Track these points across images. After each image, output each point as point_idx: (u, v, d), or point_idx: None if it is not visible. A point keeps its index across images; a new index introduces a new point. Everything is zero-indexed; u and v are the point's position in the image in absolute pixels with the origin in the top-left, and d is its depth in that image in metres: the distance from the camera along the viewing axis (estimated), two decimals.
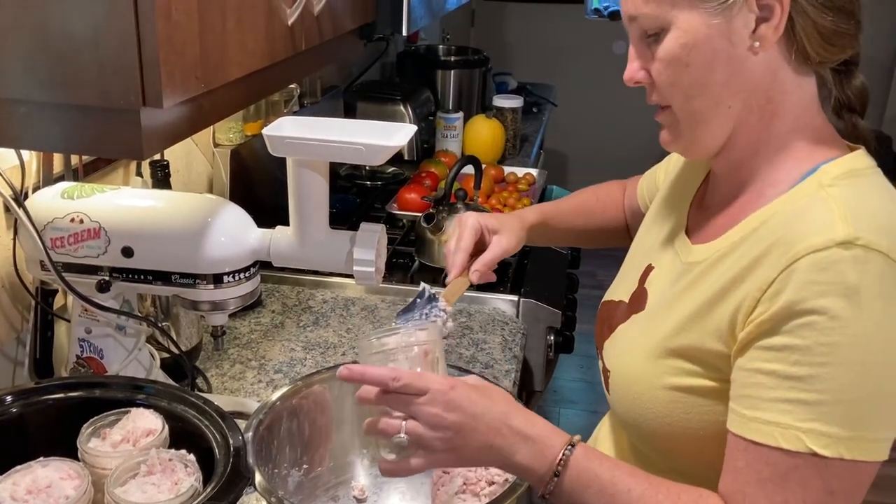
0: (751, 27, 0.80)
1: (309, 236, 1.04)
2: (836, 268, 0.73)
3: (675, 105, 0.87)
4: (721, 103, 0.84)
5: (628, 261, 1.10)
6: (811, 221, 0.77)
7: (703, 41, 0.81)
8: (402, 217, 1.98)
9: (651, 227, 1.08)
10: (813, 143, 0.85)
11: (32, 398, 0.97)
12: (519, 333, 1.55)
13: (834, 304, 0.73)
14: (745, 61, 0.82)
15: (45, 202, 1.07)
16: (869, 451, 0.74)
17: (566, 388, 3.36)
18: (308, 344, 1.49)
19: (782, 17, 0.79)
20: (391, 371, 0.82)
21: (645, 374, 0.90)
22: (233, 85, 0.89)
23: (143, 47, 0.71)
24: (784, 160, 0.85)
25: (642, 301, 0.98)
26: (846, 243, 0.74)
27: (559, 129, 4.24)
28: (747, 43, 0.81)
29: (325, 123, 1.01)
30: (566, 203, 1.32)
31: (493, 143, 2.48)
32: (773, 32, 0.80)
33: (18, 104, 0.75)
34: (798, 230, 0.77)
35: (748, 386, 0.78)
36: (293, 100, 1.99)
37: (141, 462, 0.88)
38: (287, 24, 0.99)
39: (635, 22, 0.87)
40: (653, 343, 0.90)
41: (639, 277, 1.02)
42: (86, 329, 1.12)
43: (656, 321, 0.92)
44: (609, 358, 1.00)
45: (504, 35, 4.98)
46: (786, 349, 0.75)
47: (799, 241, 0.76)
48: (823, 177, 0.82)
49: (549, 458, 0.81)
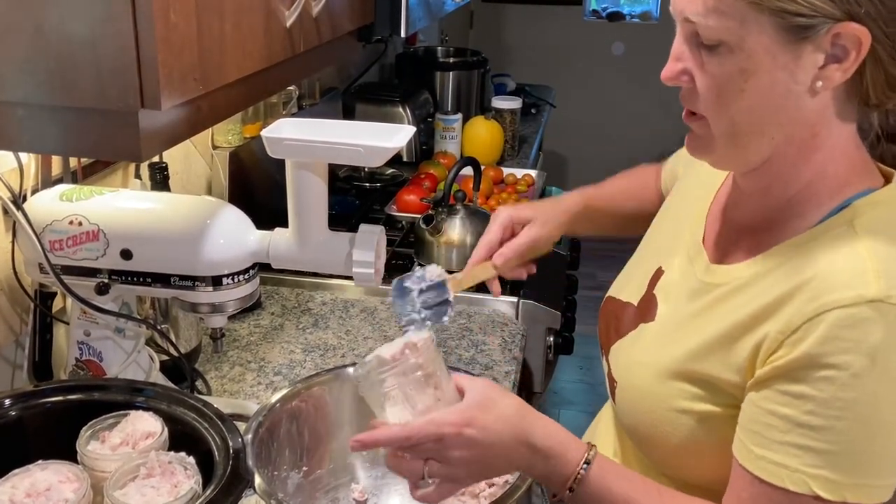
0: (818, 65, 0.74)
1: (308, 238, 1.04)
2: (863, 326, 0.72)
3: (713, 122, 0.81)
4: (766, 133, 0.79)
5: (638, 258, 1.07)
6: (842, 271, 0.75)
7: (764, 71, 0.75)
8: (402, 219, 1.98)
9: (663, 224, 1.05)
10: (846, 172, 0.81)
11: (31, 401, 0.96)
12: (518, 335, 1.55)
13: (856, 361, 0.72)
14: (802, 98, 0.76)
15: (44, 205, 1.07)
16: (872, 495, 0.74)
17: (566, 389, 3.36)
18: (307, 346, 1.49)
19: (856, 62, 0.73)
20: (401, 431, 0.82)
21: (655, 394, 0.89)
22: (231, 87, 0.89)
23: (140, 49, 0.71)
24: (816, 191, 0.81)
25: (652, 310, 0.96)
26: (876, 301, 0.72)
27: (558, 130, 4.24)
28: (809, 81, 0.75)
29: (324, 125, 1.01)
30: (611, 186, 1.24)
31: (491, 144, 2.48)
32: (840, 75, 0.74)
33: (16, 106, 0.75)
34: (828, 278, 0.75)
35: (760, 424, 0.78)
36: (292, 101, 1.99)
37: (140, 465, 0.88)
38: (285, 26, 0.99)
39: (689, 24, 0.78)
40: (665, 363, 0.88)
41: (648, 280, 0.99)
42: (85, 332, 1.12)
43: (669, 339, 0.90)
44: (617, 367, 0.98)
45: (503, 36, 4.98)
46: (802, 397, 0.74)
47: (828, 292, 0.74)
48: (854, 214, 0.79)
49: (565, 475, 0.84)
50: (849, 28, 0.72)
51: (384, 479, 1.13)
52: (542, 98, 3.27)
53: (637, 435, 0.94)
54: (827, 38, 0.72)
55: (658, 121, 4.69)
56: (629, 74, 4.86)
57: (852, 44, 0.72)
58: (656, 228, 1.07)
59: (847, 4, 0.71)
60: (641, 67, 4.80)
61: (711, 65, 0.77)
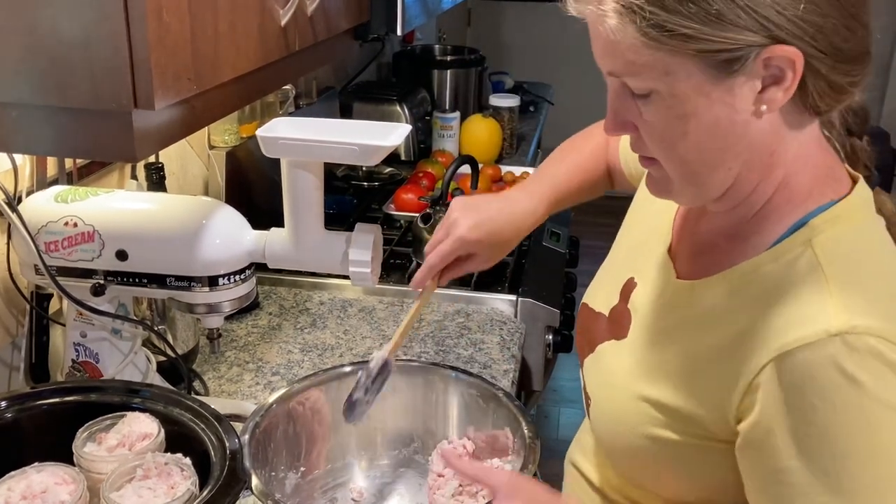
0: (756, 90, 0.72)
1: (304, 238, 1.04)
2: (832, 361, 0.69)
3: (666, 165, 0.79)
4: (722, 166, 0.77)
5: (609, 263, 1.05)
6: (803, 303, 0.73)
7: (702, 111, 0.73)
8: (400, 217, 1.98)
9: (632, 228, 1.03)
10: (809, 182, 0.79)
11: (28, 403, 0.96)
12: (517, 333, 1.55)
13: (839, 396, 0.69)
14: (749, 125, 0.74)
15: (39, 206, 1.06)
16: None
17: (566, 387, 3.35)
18: (305, 346, 1.48)
19: (794, 80, 0.71)
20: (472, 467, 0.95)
21: (628, 417, 0.88)
22: (226, 86, 0.88)
23: (133, 49, 0.70)
24: (777, 205, 0.80)
25: (625, 324, 0.94)
26: (841, 334, 0.70)
27: (556, 127, 4.21)
28: (752, 108, 0.73)
29: (319, 124, 1.01)
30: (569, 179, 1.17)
31: (489, 142, 2.48)
32: (783, 95, 0.72)
33: (9, 108, 0.75)
34: (788, 312, 0.74)
35: (774, 484, 0.74)
36: (289, 101, 1.99)
37: (137, 466, 0.88)
38: (280, 25, 0.99)
39: (615, 78, 0.76)
40: (637, 387, 0.87)
41: (620, 290, 0.97)
42: (81, 333, 1.12)
43: (641, 360, 0.89)
44: (590, 384, 0.97)
45: (500, 34, 4.98)
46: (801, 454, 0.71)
47: (790, 329, 0.72)
48: (812, 233, 0.77)
49: None
50: (777, 51, 0.69)
51: (382, 479, 1.13)
52: (541, 96, 3.26)
53: (612, 452, 0.94)
54: (758, 64, 0.70)
55: None
56: None
57: (786, 64, 0.70)
58: (626, 233, 1.04)
59: (767, 30, 0.69)
60: None
61: (649, 113, 0.75)
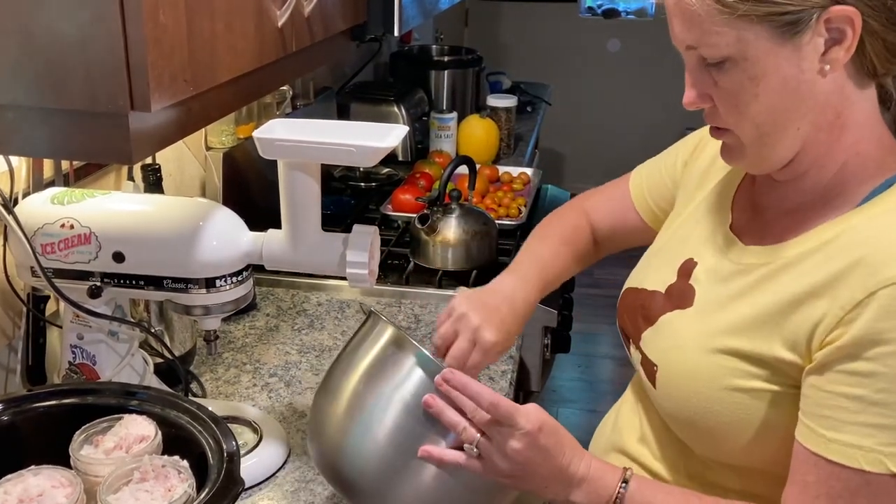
0: (820, 51, 0.79)
1: (301, 239, 1.03)
2: None
3: (739, 131, 0.86)
4: (790, 127, 0.83)
5: (659, 251, 1.08)
6: (894, 246, 0.78)
7: (772, 71, 0.80)
8: (397, 218, 1.98)
9: (687, 218, 1.06)
10: (879, 152, 0.85)
11: (24, 405, 0.96)
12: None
13: None
14: (815, 84, 0.81)
15: (35, 208, 1.06)
16: None
17: (564, 387, 3.35)
18: (303, 347, 1.48)
19: (854, 39, 0.78)
20: (492, 395, 0.85)
21: (704, 373, 0.90)
22: (222, 87, 0.88)
23: (130, 50, 0.70)
24: (854, 171, 0.85)
25: (688, 296, 0.97)
26: None
27: (554, 127, 4.24)
28: (817, 67, 0.80)
29: (316, 125, 1.01)
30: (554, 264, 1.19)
31: (487, 142, 2.48)
32: (844, 54, 0.79)
33: (5, 109, 0.75)
34: (883, 253, 0.78)
35: (829, 408, 0.79)
36: (286, 102, 1.98)
37: (134, 469, 0.87)
38: (277, 26, 0.99)
39: (692, 50, 0.84)
40: (712, 342, 0.90)
41: (677, 270, 1.00)
42: (78, 335, 1.11)
43: (712, 319, 0.91)
44: (654, 351, 0.98)
45: (498, 34, 4.98)
46: (872, 375, 0.76)
47: (885, 267, 0.77)
48: None
49: (605, 497, 0.87)
50: (836, 11, 0.77)
51: None
52: (538, 96, 3.27)
53: (680, 418, 0.95)
54: (820, 25, 0.78)
55: (654, 117, 4.69)
56: (625, 71, 4.86)
57: (845, 24, 0.77)
58: (678, 223, 1.08)
59: None
60: (637, 64, 4.82)
61: (723, 80, 0.83)
